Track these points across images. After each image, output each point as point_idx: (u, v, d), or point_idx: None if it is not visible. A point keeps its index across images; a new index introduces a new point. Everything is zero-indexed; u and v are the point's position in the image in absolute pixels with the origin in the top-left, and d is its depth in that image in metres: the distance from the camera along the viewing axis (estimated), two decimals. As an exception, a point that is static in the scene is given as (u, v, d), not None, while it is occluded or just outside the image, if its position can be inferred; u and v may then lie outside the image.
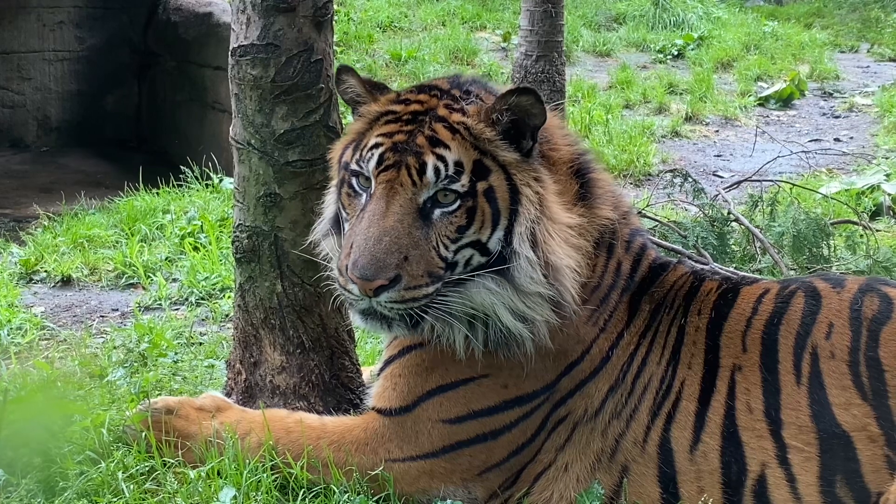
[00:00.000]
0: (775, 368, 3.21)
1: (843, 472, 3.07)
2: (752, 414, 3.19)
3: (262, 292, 3.78)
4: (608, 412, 3.30)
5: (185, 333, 5.16)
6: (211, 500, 3.30)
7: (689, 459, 3.21)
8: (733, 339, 3.30)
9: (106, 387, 4.26)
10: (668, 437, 3.24)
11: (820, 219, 5.99)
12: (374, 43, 12.94)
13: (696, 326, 3.35)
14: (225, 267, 6.04)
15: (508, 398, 3.29)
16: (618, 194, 3.61)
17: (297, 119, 3.65)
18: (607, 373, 3.32)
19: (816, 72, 13.31)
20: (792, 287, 3.39)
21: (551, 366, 3.30)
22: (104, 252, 6.58)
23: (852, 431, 3.08)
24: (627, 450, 3.28)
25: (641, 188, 8.64)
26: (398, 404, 3.37)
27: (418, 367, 3.36)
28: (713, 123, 11.24)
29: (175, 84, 10.53)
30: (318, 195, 3.71)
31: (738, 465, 3.17)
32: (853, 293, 3.28)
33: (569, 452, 3.32)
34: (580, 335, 3.32)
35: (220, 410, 3.61)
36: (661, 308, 3.40)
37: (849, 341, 3.18)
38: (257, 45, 3.60)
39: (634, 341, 3.36)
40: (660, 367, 3.33)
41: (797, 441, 3.12)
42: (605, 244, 3.42)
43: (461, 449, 3.31)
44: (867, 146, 10.28)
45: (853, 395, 3.11)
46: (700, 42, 14.56)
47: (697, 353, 3.31)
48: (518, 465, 3.34)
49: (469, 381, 3.31)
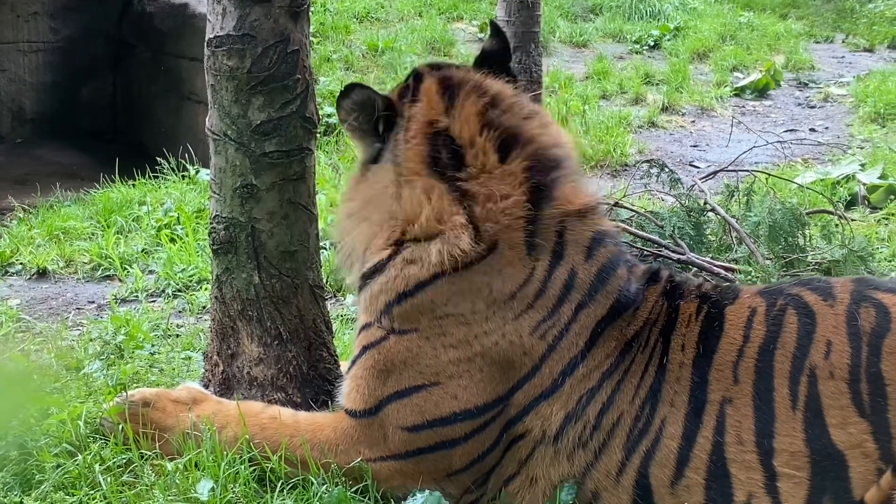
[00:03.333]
0: (770, 397, 3.14)
1: (831, 491, 3.04)
2: (742, 446, 3.12)
3: (240, 284, 3.77)
4: (570, 440, 3.24)
5: (162, 325, 5.14)
6: (188, 492, 3.30)
7: (671, 493, 3.16)
8: (723, 371, 3.21)
9: (82, 379, 4.24)
10: (647, 472, 3.18)
11: (795, 208, 6.01)
12: (351, 34, 12.90)
13: (681, 363, 3.25)
14: (202, 258, 6.02)
15: (458, 410, 3.26)
16: (572, 185, 3.49)
17: (273, 110, 3.64)
18: (562, 398, 3.24)
19: (792, 62, 13.35)
20: (780, 303, 3.29)
21: (500, 377, 3.27)
22: (80, 244, 6.55)
23: (847, 450, 3.04)
24: (599, 479, 3.23)
25: (618, 179, 8.65)
26: (363, 407, 3.36)
27: (374, 368, 3.35)
28: (689, 114, 11.27)
29: (151, 75, 10.48)
30: (295, 186, 3.71)
31: (723, 497, 3.12)
32: (847, 306, 3.21)
33: (533, 467, 3.29)
34: (524, 345, 3.26)
35: (197, 402, 3.60)
36: (632, 346, 3.29)
37: (849, 358, 3.11)
38: (233, 36, 3.59)
39: (595, 378, 3.25)
40: (633, 406, 3.23)
41: (788, 468, 3.07)
42: (542, 244, 3.31)
43: (424, 455, 3.31)
44: (842, 136, 10.33)
45: (851, 413, 3.06)
46: (676, 32, 14.57)
47: (681, 391, 3.21)
48: (484, 469, 3.33)
49: (421, 388, 3.29)
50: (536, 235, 3.32)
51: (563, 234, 3.36)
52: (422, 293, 3.32)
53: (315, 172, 3.85)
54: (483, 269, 3.29)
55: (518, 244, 3.31)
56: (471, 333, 3.28)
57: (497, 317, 3.28)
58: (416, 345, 3.31)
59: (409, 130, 3.43)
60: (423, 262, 3.32)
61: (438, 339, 3.30)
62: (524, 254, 3.31)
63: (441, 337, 3.29)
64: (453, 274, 3.28)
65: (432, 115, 3.43)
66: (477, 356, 3.26)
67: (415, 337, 3.31)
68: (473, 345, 3.27)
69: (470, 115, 3.41)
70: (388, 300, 3.36)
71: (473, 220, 3.30)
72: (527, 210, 3.32)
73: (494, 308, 3.28)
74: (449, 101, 3.44)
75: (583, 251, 3.37)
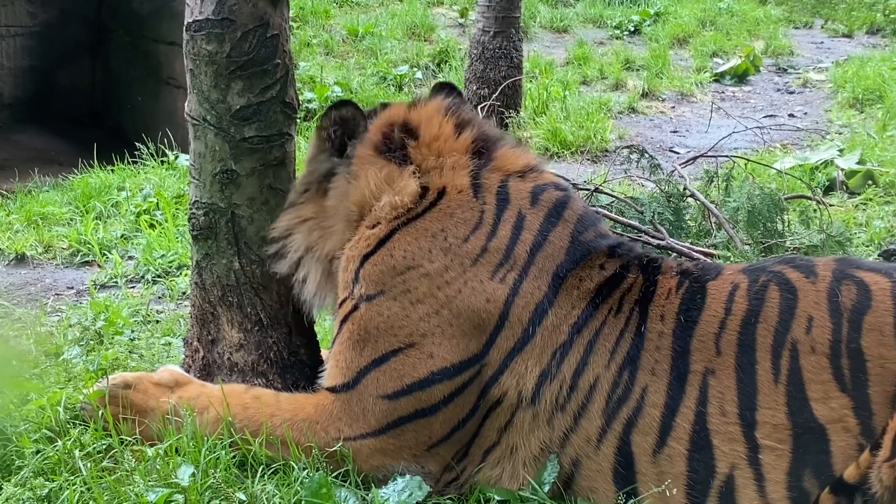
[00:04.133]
0: (752, 370, 3.17)
1: (813, 464, 3.07)
2: (725, 417, 3.15)
3: (220, 269, 3.77)
4: (547, 402, 3.28)
5: (142, 311, 5.13)
6: (169, 477, 3.30)
7: (652, 462, 3.19)
8: (706, 343, 3.24)
9: (62, 365, 4.23)
10: (629, 440, 3.21)
11: (774, 194, 6.04)
12: (331, 18, 12.87)
13: (660, 332, 3.28)
14: (181, 244, 6.01)
15: (435, 369, 3.30)
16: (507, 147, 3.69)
17: (253, 95, 3.63)
18: (535, 353, 3.30)
19: (771, 48, 13.40)
20: (763, 279, 3.33)
21: (471, 332, 3.31)
22: (59, 230, 6.53)
23: (828, 423, 3.07)
24: (579, 445, 3.27)
25: (599, 164, 8.67)
26: (342, 381, 3.39)
27: (349, 340, 3.40)
28: (669, 99, 11.30)
29: (129, 60, 10.43)
30: (275, 172, 3.70)
31: (705, 467, 3.15)
32: (829, 283, 3.24)
33: (512, 435, 3.32)
34: (486, 290, 3.33)
35: (179, 385, 3.61)
36: (597, 301, 3.35)
37: (830, 334, 3.15)
38: (212, 20, 3.58)
39: (565, 331, 3.31)
40: (609, 371, 3.26)
41: (770, 440, 3.10)
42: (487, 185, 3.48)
43: (404, 425, 3.33)
44: (821, 122, 10.38)
45: (832, 388, 3.09)
46: (656, 18, 14.61)
47: (662, 360, 3.25)
48: (464, 438, 3.35)
49: (396, 352, 3.32)
50: (480, 179, 3.49)
51: (506, 184, 3.52)
52: (382, 249, 3.41)
53: (295, 158, 3.84)
54: (435, 216, 3.43)
55: (465, 188, 3.47)
56: (433, 284, 3.33)
57: (455, 263, 3.35)
58: (385, 307, 3.36)
59: (366, 133, 3.63)
60: (379, 220, 3.47)
61: (405, 296, 3.35)
62: (471, 196, 3.45)
63: (406, 294, 3.35)
64: (408, 224, 3.42)
65: (392, 117, 3.67)
66: (443, 308, 3.31)
67: (383, 300, 3.36)
68: (438, 296, 3.32)
69: (431, 108, 3.67)
70: (356, 266, 3.45)
71: (418, 173, 3.50)
72: (470, 160, 3.54)
73: (451, 255, 3.36)
74: (412, 105, 3.71)
75: (527, 197, 3.51)
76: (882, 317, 3.14)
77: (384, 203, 3.46)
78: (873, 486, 2.95)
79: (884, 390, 3.06)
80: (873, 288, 3.21)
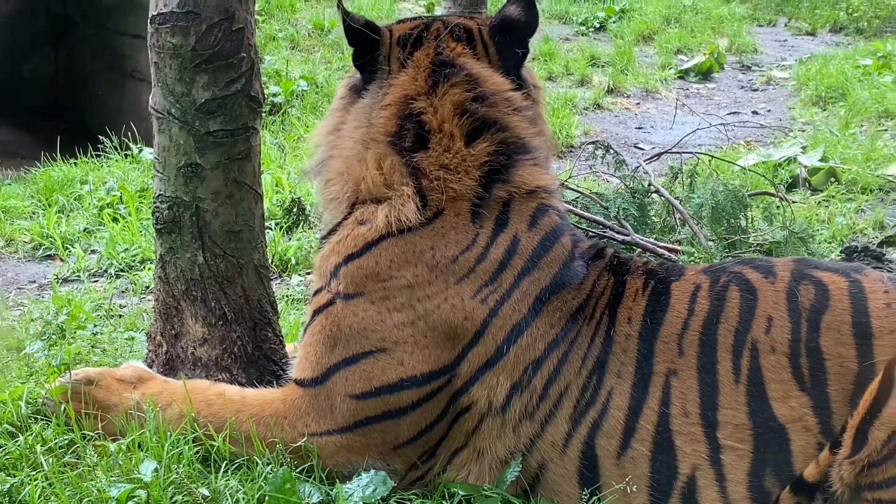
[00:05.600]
0: (714, 369, 3.19)
1: (773, 464, 3.09)
2: (687, 418, 3.17)
3: (184, 263, 3.75)
4: (516, 411, 3.27)
5: (105, 306, 5.10)
6: (132, 472, 3.28)
7: (616, 465, 3.20)
8: (669, 344, 3.26)
9: (23, 360, 4.20)
10: (594, 443, 3.22)
11: (738, 190, 6.09)
12: (297, 12, 12.82)
13: (627, 335, 3.29)
14: (145, 238, 5.98)
15: (405, 376, 3.28)
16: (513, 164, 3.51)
17: (218, 88, 3.61)
18: (507, 368, 3.28)
19: (735, 45, 13.47)
20: (724, 280, 3.34)
21: (444, 344, 3.29)
22: (21, 223, 6.48)
23: (788, 423, 3.10)
24: (545, 450, 3.26)
25: (564, 160, 8.68)
26: (311, 375, 3.37)
27: (321, 335, 3.37)
28: (634, 96, 11.34)
29: (93, 52, 10.37)
30: (240, 165, 3.69)
31: (668, 468, 3.16)
32: (787, 283, 3.27)
33: (480, 439, 3.31)
34: (466, 309, 3.30)
35: (142, 381, 3.58)
36: (577, 318, 3.33)
37: (789, 333, 3.17)
38: (177, 13, 3.55)
39: (540, 348, 3.29)
40: (580, 377, 3.27)
41: (731, 440, 3.12)
42: (486, 214, 3.37)
43: (371, 425, 3.32)
44: (784, 119, 10.45)
45: (792, 388, 3.12)
46: (622, 15, 14.64)
47: (628, 363, 3.26)
48: (431, 441, 3.35)
49: (368, 354, 3.30)
50: (482, 207, 3.39)
51: (509, 205, 3.42)
52: (368, 254, 3.36)
53: (260, 152, 3.83)
54: (427, 234, 3.35)
55: (463, 212, 3.38)
56: (413, 296, 3.31)
57: (439, 280, 3.31)
58: (361, 309, 3.33)
59: (386, 95, 3.52)
60: (371, 224, 3.39)
61: (383, 302, 3.32)
62: (468, 220, 3.37)
63: (385, 301, 3.32)
64: (399, 236, 3.35)
65: (412, 92, 3.49)
66: (420, 320, 3.29)
67: (361, 301, 3.34)
68: (416, 308, 3.30)
69: (447, 104, 3.45)
70: (338, 262, 3.40)
71: (421, 190, 3.38)
72: (477, 187, 3.39)
73: (437, 272, 3.32)
74: (433, 85, 3.49)
75: (526, 220, 3.43)
76: (840, 316, 3.17)
77: (380, 213, 3.37)
78: (833, 483, 2.98)
79: (842, 389, 3.09)
80: (831, 288, 3.24)
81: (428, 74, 3.50)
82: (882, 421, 2.93)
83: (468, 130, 3.44)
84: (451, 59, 3.54)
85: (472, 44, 3.61)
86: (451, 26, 3.60)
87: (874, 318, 3.15)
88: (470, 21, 3.67)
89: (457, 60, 3.54)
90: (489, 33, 3.64)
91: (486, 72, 3.56)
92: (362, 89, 3.59)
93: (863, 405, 2.98)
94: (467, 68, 3.53)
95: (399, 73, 3.53)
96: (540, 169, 3.56)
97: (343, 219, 3.49)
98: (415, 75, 3.51)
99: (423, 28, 3.62)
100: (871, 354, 3.09)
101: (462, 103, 3.45)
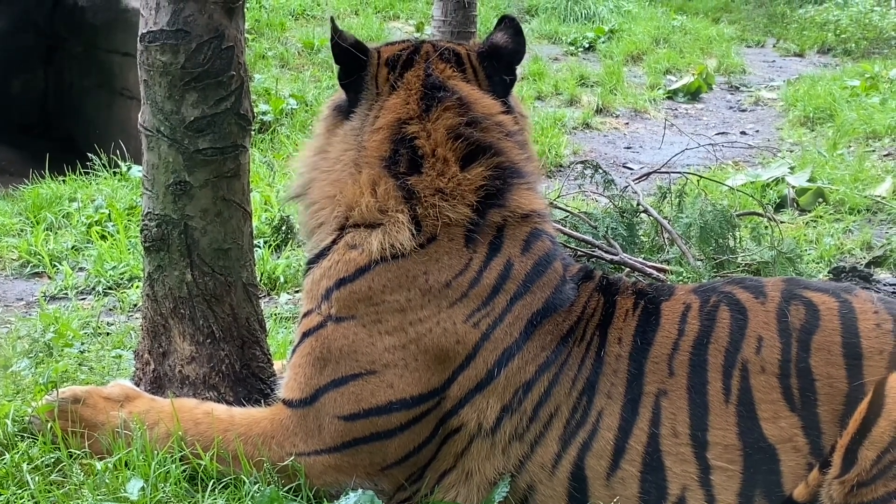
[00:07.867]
0: (704, 390, 3.18)
1: (763, 484, 3.09)
2: (677, 438, 3.16)
3: (172, 281, 3.74)
4: (506, 433, 3.26)
5: (93, 323, 5.08)
6: (118, 491, 3.26)
7: (605, 486, 3.19)
8: (659, 364, 3.25)
9: (10, 377, 4.18)
10: (583, 464, 3.21)
11: (726, 210, 6.10)
12: (287, 31, 12.85)
13: (617, 355, 3.28)
14: (133, 256, 5.97)
15: (394, 399, 3.27)
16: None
17: (207, 106, 3.61)
18: (498, 391, 3.27)
19: (724, 66, 13.55)
20: (713, 300, 3.34)
21: (434, 368, 3.28)
22: (8, 240, 6.46)
23: (778, 444, 3.09)
24: (534, 472, 3.25)
25: (553, 179, 8.70)
26: (300, 396, 3.36)
27: (311, 356, 3.36)
28: (623, 116, 11.38)
29: (83, 70, 10.37)
30: (228, 183, 3.68)
31: (657, 489, 3.15)
32: (778, 303, 3.27)
33: (468, 461, 3.30)
34: (458, 333, 3.28)
35: (129, 399, 3.56)
36: (568, 341, 3.33)
37: (779, 354, 3.17)
38: (167, 31, 3.56)
39: (531, 371, 3.28)
40: (570, 398, 3.26)
41: (721, 461, 3.11)
42: (480, 240, 3.36)
43: (359, 446, 3.30)
44: (772, 139, 10.50)
45: (782, 408, 3.11)
46: (611, 35, 14.72)
47: (618, 383, 3.25)
48: (419, 462, 3.33)
49: (357, 376, 3.29)
50: (477, 232, 3.37)
51: (503, 229, 3.41)
52: (361, 279, 3.34)
53: (249, 170, 3.82)
54: (421, 258, 3.33)
55: (458, 237, 3.36)
56: (405, 320, 3.29)
57: (432, 304, 3.30)
58: (352, 332, 3.31)
59: (378, 118, 3.50)
60: (363, 249, 3.36)
61: (374, 326, 3.31)
62: (462, 245, 3.36)
63: (377, 324, 3.30)
64: (391, 261, 3.32)
65: (404, 115, 3.47)
66: (411, 343, 3.27)
67: (352, 324, 3.32)
68: (408, 331, 3.28)
69: (441, 128, 3.44)
70: (329, 286, 3.38)
71: (415, 216, 3.35)
72: (472, 211, 3.37)
73: (430, 296, 3.30)
74: (426, 108, 3.47)
75: (519, 245, 3.41)
76: (830, 336, 3.17)
77: (373, 238, 3.34)
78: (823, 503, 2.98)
79: (832, 409, 3.09)
80: (821, 308, 3.24)
81: (420, 97, 3.49)
82: (871, 440, 2.93)
83: (462, 154, 3.43)
84: (442, 83, 3.53)
85: (461, 67, 3.61)
86: (440, 49, 3.61)
87: (864, 338, 3.15)
88: (458, 46, 3.69)
89: (447, 83, 3.54)
90: (478, 59, 3.65)
91: (477, 94, 3.56)
92: (349, 111, 3.58)
93: (852, 425, 2.98)
94: (458, 92, 3.52)
95: (390, 95, 3.52)
96: (533, 193, 3.56)
97: (332, 242, 3.46)
98: (406, 98, 3.50)
99: (412, 50, 3.62)
100: (861, 375, 3.09)
101: (455, 127, 3.44)
